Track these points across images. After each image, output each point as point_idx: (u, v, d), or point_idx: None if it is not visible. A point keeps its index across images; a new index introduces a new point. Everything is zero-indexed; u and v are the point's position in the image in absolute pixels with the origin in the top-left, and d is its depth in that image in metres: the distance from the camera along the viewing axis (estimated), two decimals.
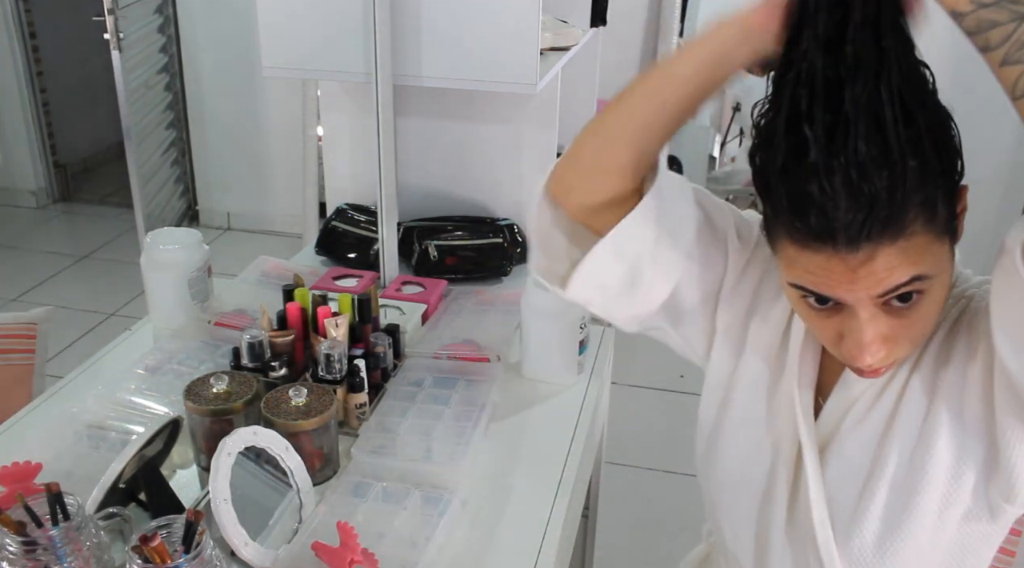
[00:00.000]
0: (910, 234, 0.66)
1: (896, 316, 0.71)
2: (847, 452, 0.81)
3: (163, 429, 1.07)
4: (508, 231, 1.84)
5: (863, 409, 0.81)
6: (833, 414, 0.83)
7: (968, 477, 0.75)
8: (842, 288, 0.69)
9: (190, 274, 1.40)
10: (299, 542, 0.96)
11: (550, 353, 1.35)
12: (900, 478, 0.78)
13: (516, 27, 1.55)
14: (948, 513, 0.77)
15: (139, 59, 3.45)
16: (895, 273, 0.67)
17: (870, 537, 0.79)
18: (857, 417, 0.81)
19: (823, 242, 0.67)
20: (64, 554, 0.82)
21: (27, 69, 4.10)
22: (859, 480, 0.80)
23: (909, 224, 0.65)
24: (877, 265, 0.66)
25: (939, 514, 0.77)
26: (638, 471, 2.51)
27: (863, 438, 0.80)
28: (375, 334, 1.29)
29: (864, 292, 0.69)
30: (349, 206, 1.92)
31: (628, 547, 2.22)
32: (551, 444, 1.22)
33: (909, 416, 0.77)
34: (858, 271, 0.67)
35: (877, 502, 0.79)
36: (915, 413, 0.77)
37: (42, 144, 4.27)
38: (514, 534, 1.04)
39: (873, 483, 0.79)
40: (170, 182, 3.93)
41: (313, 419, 1.07)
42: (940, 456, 0.76)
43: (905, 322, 0.71)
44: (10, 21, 3.99)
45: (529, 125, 1.88)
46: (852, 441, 0.81)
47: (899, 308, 0.70)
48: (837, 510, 0.81)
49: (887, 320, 0.71)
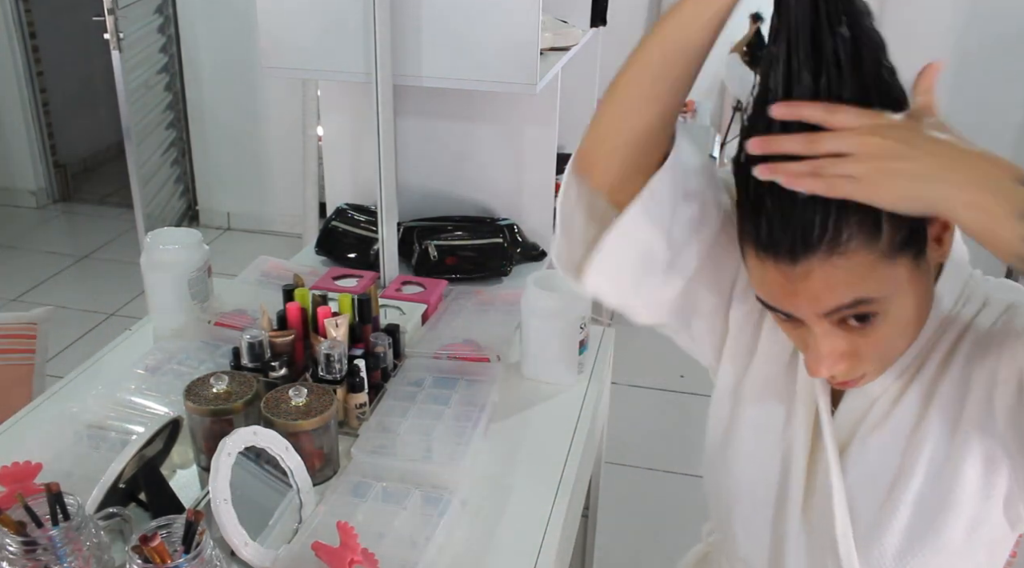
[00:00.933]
0: (847, 252, 0.65)
1: (856, 334, 0.70)
2: (867, 461, 0.79)
3: (163, 429, 1.07)
4: (508, 231, 1.84)
5: (881, 413, 0.78)
6: (848, 418, 0.81)
7: (1001, 489, 0.73)
8: (787, 302, 0.70)
9: (190, 274, 1.40)
10: (299, 542, 0.96)
11: (550, 353, 1.34)
12: (927, 494, 0.75)
13: (516, 27, 1.55)
14: (977, 533, 0.75)
15: (139, 59, 3.45)
16: (835, 293, 0.67)
17: (891, 549, 0.77)
18: (875, 421, 0.78)
19: (767, 252, 0.68)
20: (64, 554, 0.82)
21: (27, 69, 4.10)
22: (881, 490, 0.78)
23: (844, 243, 0.64)
24: (814, 282, 0.66)
25: (967, 534, 0.75)
26: (638, 471, 2.51)
27: (883, 444, 0.78)
28: (375, 334, 1.29)
29: (807, 309, 0.69)
30: (349, 206, 1.92)
31: (628, 547, 2.22)
32: (551, 444, 1.22)
33: (937, 428, 0.75)
34: (797, 286, 0.67)
35: (900, 516, 0.76)
36: (943, 425, 0.74)
37: (42, 144, 4.27)
38: (514, 534, 1.04)
39: (897, 495, 0.76)
40: (170, 182, 3.93)
41: (313, 419, 1.07)
42: (971, 471, 0.73)
43: (867, 340, 0.70)
44: (10, 21, 3.99)
45: (529, 125, 1.88)
46: (872, 449, 0.78)
47: (858, 327, 0.69)
48: (856, 519, 0.79)
49: (846, 336, 0.70)
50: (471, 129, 1.90)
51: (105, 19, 2.99)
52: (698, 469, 0.97)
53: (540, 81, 1.60)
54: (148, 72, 3.59)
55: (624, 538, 2.23)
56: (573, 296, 1.32)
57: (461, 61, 1.60)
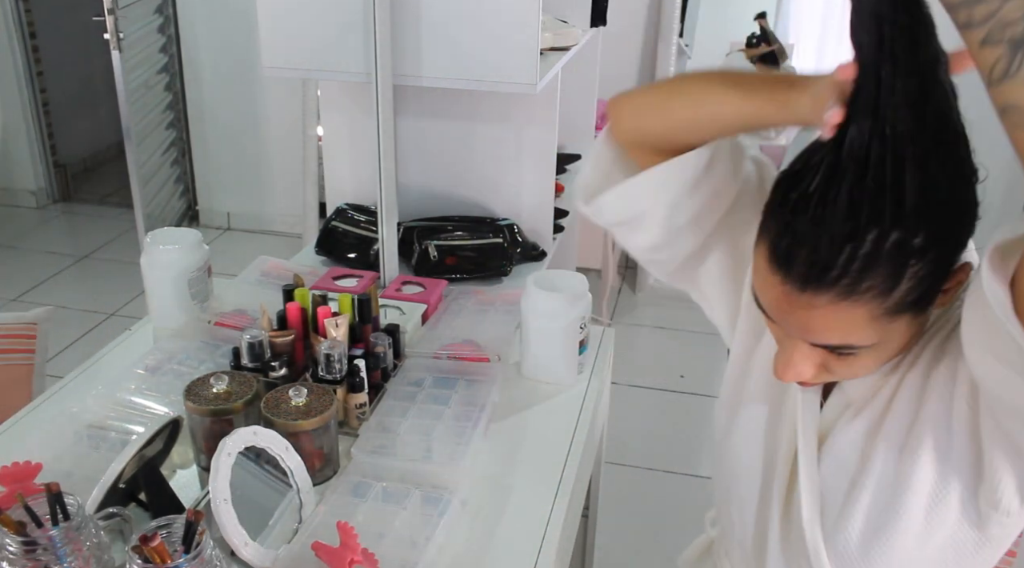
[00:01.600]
0: (858, 301, 0.66)
1: (833, 357, 0.73)
2: (838, 449, 0.81)
3: (163, 429, 1.07)
4: (508, 231, 1.84)
5: (856, 407, 0.80)
6: (831, 412, 0.83)
7: (955, 482, 0.74)
8: (778, 315, 0.72)
9: (190, 274, 1.40)
10: (299, 542, 0.96)
11: (550, 353, 1.34)
12: (886, 478, 0.77)
13: (516, 27, 1.55)
14: (935, 517, 0.76)
15: (139, 59, 3.45)
16: (827, 332, 0.69)
17: (855, 536, 0.79)
18: (851, 414, 0.81)
19: (779, 267, 0.69)
20: (64, 554, 0.82)
21: (27, 69, 4.10)
22: (847, 478, 0.80)
23: (859, 292, 0.65)
24: (814, 315, 0.68)
25: (925, 517, 0.76)
26: (638, 471, 2.51)
27: (854, 435, 0.80)
28: (375, 334, 1.29)
29: (795, 331, 0.71)
30: (349, 206, 1.92)
31: (628, 547, 2.22)
32: (551, 444, 1.22)
33: (899, 415, 0.77)
34: (796, 311, 0.69)
35: (863, 501, 0.78)
36: (905, 413, 0.76)
37: (42, 144, 4.26)
38: (514, 534, 1.04)
39: (861, 480, 0.78)
40: (170, 182, 3.93)
41: (313, 419, 1.07)
42: (926, 458, 0.75)
43: (841, 364, 0.73)
44: (10, 21, 3.99)
45: (529, 125, 1.88)
46: (844, 438, 0.80)
47: (836, 355, 0.72)
48: (826, 507, 0.81)
49: (822, 354, 0.73)
50: (471, 129, 1.90)
51: (105, 19, 2.99)
52: (698, 469, 0.98)
53: (540, 81, 1.60)
54: (148, 72, 3.59)
55: (624, 538, 2.23)
56: (573, 296, 1.32)
57: (461, 61, 1.60)
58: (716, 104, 0.75)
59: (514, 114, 1.87)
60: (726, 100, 0.74)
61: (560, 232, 2.11)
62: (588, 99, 2.73)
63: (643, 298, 3.56)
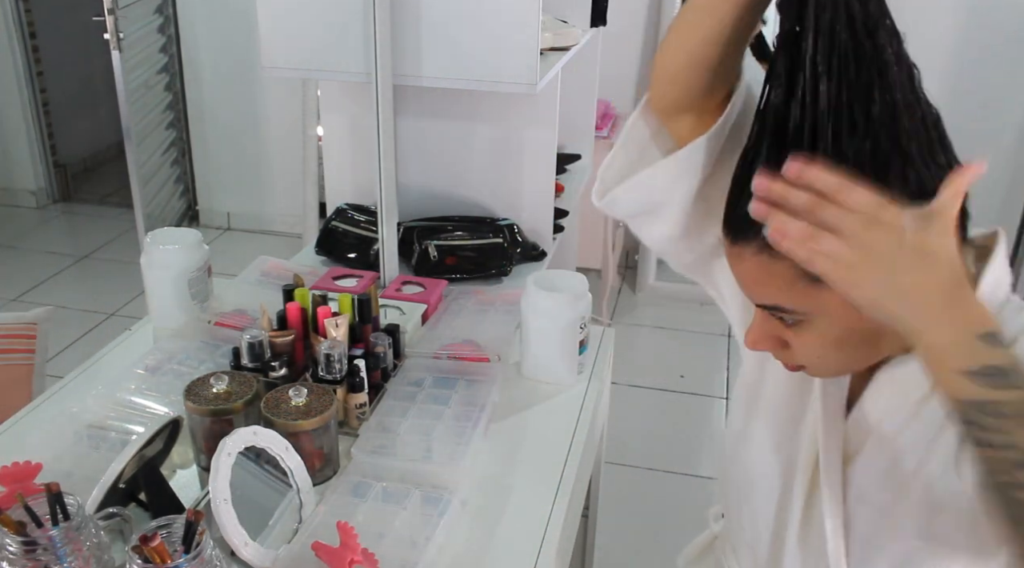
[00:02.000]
0: (775, 257, 0.65)
1: (787, 328, 0.73)
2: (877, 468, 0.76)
3: (163, 429, 1.07)
4: (508, 231, 1.84)
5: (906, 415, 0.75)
6: (865, 418, 0.78)
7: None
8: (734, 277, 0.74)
9: (190, 274, 1.40)
10: (299, 542, 0.96)
11: (550, 353, 1.34)
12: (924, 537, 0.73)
13: (516, 27, 1.55)
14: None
15: (139, 59, 3.45)
16: (756, 288, 0.71)
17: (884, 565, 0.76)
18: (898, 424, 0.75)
19: (724, 223, 0.72)
20: (64, 554, 0.82)
21: (27, 69, 4.10)
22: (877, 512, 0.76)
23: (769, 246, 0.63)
24: (745, 270, 0.71)
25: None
26: (638, 471, 2.51)
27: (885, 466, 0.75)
28: (375, 334, 1.29)
29: (742, 290, 0.73)
30: (349, 206, 1.92)
31: (628, 547, 2.22)
32: (551, 444, 1.22)
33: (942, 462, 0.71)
34: (735, 268, 0.72)
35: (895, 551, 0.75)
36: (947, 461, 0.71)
37: (42, 144, 4.27)
38: (514, 534, 1.04)
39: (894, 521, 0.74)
40: (170, 182, 3.93)
41: (313, 419, 1.07)
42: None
43: (795, 338, 0.73)
44: (10, 21, 3.99)
45: (529, 125, 1.88)
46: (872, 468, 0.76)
47: (785, 324, 0.72)
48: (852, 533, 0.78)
49: (778, 326, 0.74)
50: (471, 129, 1.90)
51: (105, 19, 2.99)
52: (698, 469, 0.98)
53: (540, 81, 1.60)
54: (148, 72, 3.59)
55: (624, 538, 2.23)
56: (573, 296, 1.32)
57: (461, 61, 1.60)
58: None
59: (514, 114, 1.87)
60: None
61: (560, 232, 2.11)
62: (588, 99, 2.73)
63: (643, 298, 3.56)
